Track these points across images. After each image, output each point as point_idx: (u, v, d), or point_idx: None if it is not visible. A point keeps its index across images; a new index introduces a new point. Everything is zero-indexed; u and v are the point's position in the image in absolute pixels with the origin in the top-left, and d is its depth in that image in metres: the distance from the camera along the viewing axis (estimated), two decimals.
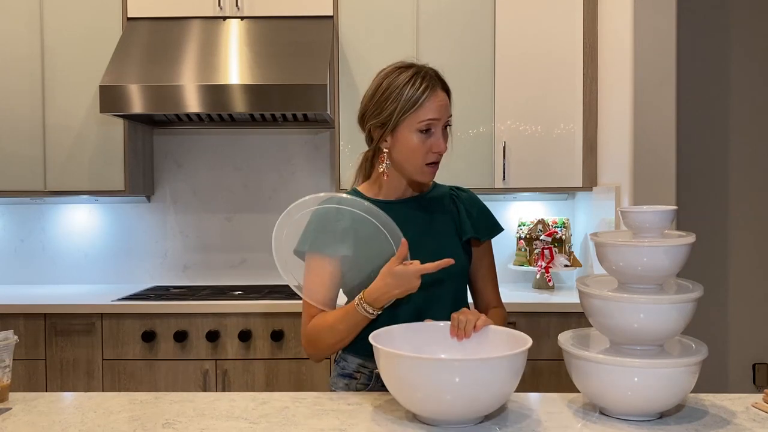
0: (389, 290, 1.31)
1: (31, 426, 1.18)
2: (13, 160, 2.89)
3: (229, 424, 1.18)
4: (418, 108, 1.38)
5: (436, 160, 1.43)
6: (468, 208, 1.54)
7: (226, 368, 2.61)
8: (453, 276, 1.47)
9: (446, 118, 1.43)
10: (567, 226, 3.02)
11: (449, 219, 1.52)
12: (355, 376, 1.47)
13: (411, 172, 1.44)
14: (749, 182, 3.17)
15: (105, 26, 2.88)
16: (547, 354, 2.56)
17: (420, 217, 1.49)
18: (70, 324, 2.62)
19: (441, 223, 1.51)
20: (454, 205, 1.54)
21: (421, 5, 2.87)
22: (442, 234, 1.50)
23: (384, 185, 1.50)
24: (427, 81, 1.41)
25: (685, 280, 1.28)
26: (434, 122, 1.40)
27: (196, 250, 3.22)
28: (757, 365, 3.18)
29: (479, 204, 1.57)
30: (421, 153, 1.41)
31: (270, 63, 2.72)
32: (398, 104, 1.39)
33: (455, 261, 1.44)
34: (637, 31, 2.46)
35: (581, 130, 2.87)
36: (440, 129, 1.42)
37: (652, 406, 1.17)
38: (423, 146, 1.40)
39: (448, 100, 1.45)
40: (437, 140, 1.41)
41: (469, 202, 1.56)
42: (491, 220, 1.57)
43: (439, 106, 1.40)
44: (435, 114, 1.39)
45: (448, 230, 1.51)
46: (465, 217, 1.52)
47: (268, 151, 3.21)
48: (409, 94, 1.39)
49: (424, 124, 1.39)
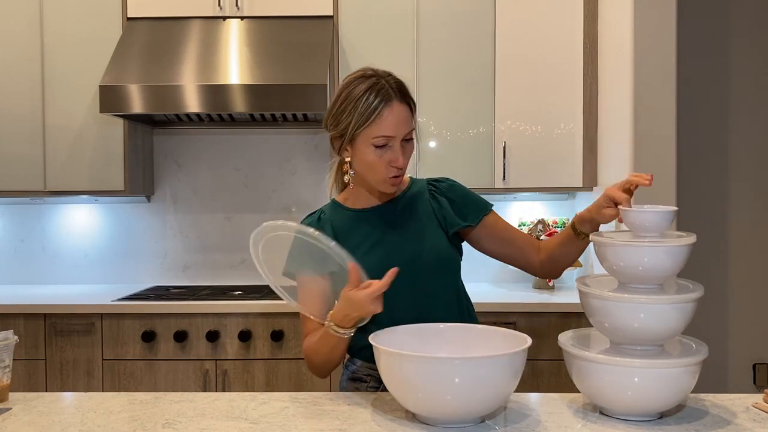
0: (350, 313, 1.28)
1: (31, 426, 1.18)
2: (13, 160, 2.89)
3: (229, 424, 1.18)
4: (371, 123, 1.34)
5: (397, 174, 1.38)
6: (450, 198, 1.50)
7: (226, 368, 2.61)
8: (446, 272, 1.47)
9: (404, 132, 1.37)
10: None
11: (431, 216, 1.49)
12: (364, 380, 1.47)
13: (373, 183, 1.42)
14: (749, 182, 3.17)
15: (105, 26, 2.88)
16: (547, 354, 2.56)
17: (398, 222, 1.47)
18: (70, 324, 2.62)
19: (421, 222, 1.48)
20: (435, 200, 1.51)
21: (421, 5, 2.87)
22: (423, 234, 1.47)
23: (355, 194, 1.49)
24: (381, 95, 1.35)
25: (685, 280, 1.28)
26: (389, 138, 1.35)
27: (196, 250, 3.22)
28: (757, 365, 3.18)
29: (460, 190, 1.53)
30: (380, 167, 1.37)
31: (270, 63, 2.72)
32: (353, 118, 1.35)
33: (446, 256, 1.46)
34: (637, 31, 2.46)
35: (581, 130, 2.87)
36: (398, 143, 1.37)
37: (652, 406, 1.17)
38: (380, 161, 1.36)
39: (409, 112, 1.39)
40: (395, 155, 1.36)
41: (450, 191, 1.52)
42: (477, 201, 1.52)
43: (395, 122, 1.35)
44: (389, 131, 1.35)
45: (431, 228, 1.48)
46: (448, 209, 1.49)
47: (268, 151, 3.21)
48: (362, 108, 1.34)
49: (379, 140, 1.35)
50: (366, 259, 1.38)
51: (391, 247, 1.44)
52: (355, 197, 1.50)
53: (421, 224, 1.48)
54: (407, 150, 1.40)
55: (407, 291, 1.41)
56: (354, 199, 1.50)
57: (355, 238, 1.45)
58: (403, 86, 1.41)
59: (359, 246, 1.43)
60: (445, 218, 1.49)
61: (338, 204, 1.52)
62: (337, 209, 1.51)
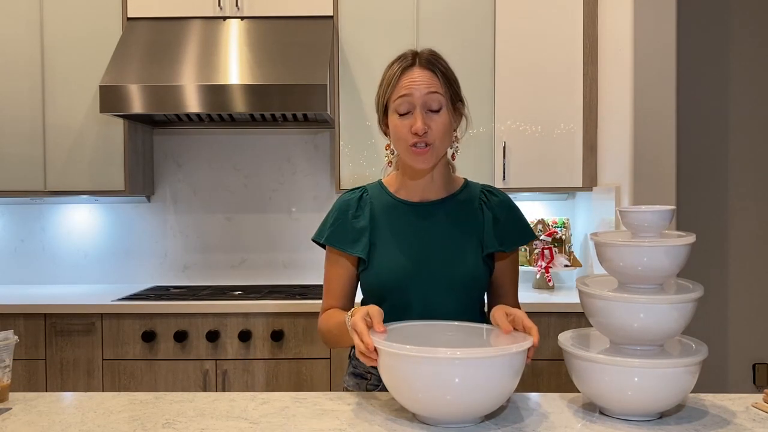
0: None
1: (31, 426, 1.18)
2: (13, 160, 2.89)
3: (229, 424, 1.18)
4: (393, 86, 1.36)
5: (418, 141, 1.34)
6: (497, 215, 1.45)
7: (226, 368, 2.61)
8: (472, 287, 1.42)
9: (422, 92, 1.34)
10: (567, 226, 3.02)
11: (473, 228, 1.43)
12: (365, 377, 1.47)
13: (403, 157, 1.40)
14: (749, 182, 3.17)
15: (105, 26, 2.88)
16: (547, 354, 2.56)
17: (439, 225, 1.43)
18: (70, 324, 2.62)
19: (463, 232, 1.43)
20: (482, 212, 1.45)
21: (421, 5, 2.87)
22: (461, 245, 1.42)
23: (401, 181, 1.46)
24: (401, 60, 1.37)
25: (685, 280, 1.28)
26: (407, 99, 1.34)
27: (196, 250, 3.22)
28: (757, 365, 3.18)
29: (510, 210, 1.47)
30: (402, 134, 1.35)
31: (270, 63, 2.72)
32: (382, 87, 1.39)
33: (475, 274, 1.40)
34: (637, 31, 2.46)
35: (581, 130, 2.87)
36: (419, 108, 1.34)
37: (652, 406, 1.17)
38: (403, 126, 1.35)
39: (434, 78, 1.36)
40: (414, 120, 1.33)
41: (500, 209, 1.46)
42: (521, 228, 1.47)
43: (411, 82, 1.34)
44: (405, 90, 1.34)
45: (470, 240, 1.42)
46: (490, 228, 1.43)
47: (268, 151, 3.21)
48: (387, 75, 1.38)
49: (399, 103, 1.35)
50: (394, 254, 1.38)
51: (422, 250, 1.40)
52: (400, 184, 1.47)
53: (461, 234, 1.43)
54: (434, 121, 1.35)
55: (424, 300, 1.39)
56: (399, 186, 1.47)
57: (391, 227, 1.42)
58: (433, 57, 1.38)
59: (392, 237, 1.41)
60: (485, 236, 1.43)
61: (383, 186, 1.49)
62: (381, 192, 1.48)
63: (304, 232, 3.17)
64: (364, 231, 1.42)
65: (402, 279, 1.39)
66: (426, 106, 1.35)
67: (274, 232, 3.18)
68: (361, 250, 1.41)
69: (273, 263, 3.18)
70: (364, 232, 1.42)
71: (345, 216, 1.44)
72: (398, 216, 1.44)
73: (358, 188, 1.51)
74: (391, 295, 1.40)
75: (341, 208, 1.46)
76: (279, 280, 3.16)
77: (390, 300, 1.40)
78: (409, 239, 1.41)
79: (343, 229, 1.43)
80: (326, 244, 1.45)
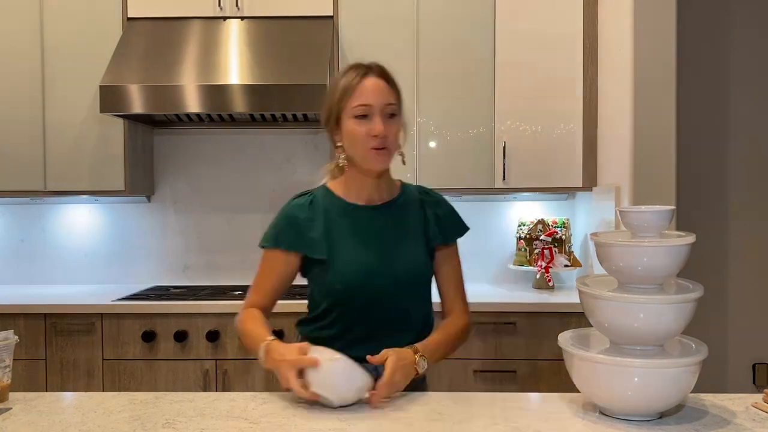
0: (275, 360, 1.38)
1: (31, 426, 1.18)
2: (13, 160, 2.89)
3: (229, 424, 1.18)
4: (350, 95, 1.43)
5: (378, 144, 1.42)
6: (436, 212, 1.56)
7: (226, 368, 2.61)
8: (420, 285, 1.51)
9: (382, 102, 1.43)
10: (567, 226, 3.02)
11: (418, 225, 1.53)
12: None
13: (359, 160, 1.46)
14: (749, 182, 3.16)
15: (105, 26, 2.88)
16: (547, 354, 2.56)
17: (390, 226, 1.51)
18: (70, 324, 2.62)
19: (410, 231, 1.53)
20: (422, 211, 1.55)
21: (421, 5, 2.87)
22: (411, 243, 1.52)
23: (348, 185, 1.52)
24: (358, 70, 1.45)
25: (685, 280, 1.28)
26: (367, 107, 1.42)
27: (196, 250, 3.22)
28: (757, 365, 3.18)
29: (446, 206, 1.59)
30: (361, 138, 1.42)
31: (270, 63, 2.72)
32: (335, 96, 1.45)
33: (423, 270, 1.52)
34: (637, 31, 2.46)
35: (581, 130, 2.87)
36: (378, 114, 1.42)
37: (652, 406, 1.17)
38: (361, 130, 1.42)
39: (388, 88, 1.45)
40: (375, 124, 1.41)
41: (437, 206, 1.57)
42: (458, 221, 1.59)
43: (371, 91, 1.42)
44: (366, 99, 1.42)
45: (417, 238, 1.52)
46: (433, 223, 1.54)
47: (268, 151, 3.21)
48: (342, 84, 1.45)
49: (358, 110, 1.42)
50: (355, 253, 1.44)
51: (380, 249, 1.48)
52: (347, 188, 1.52)
53: (409, 233, 1.52)
54: (391, 126, 1.44)
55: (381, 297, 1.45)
56: (346, 190, 1.53)
57: (347, 228, 1.49)
58: (385, 69, 1.48)
59: (350, 238, 1.47)
60: (428, 231, 1.53)
61: (330, 191, 1.54)
62: (331, 196, 1.53)
63: None
64: (322, 233, 1.47)
65: (366, 277, 1.45)
66: (383, 112, 1.43)
67: None
68: (324, 252, 1.46)
69: None
70: (321, 234, 1.47)
71: (296, 221, 1.49)
72: (352, 218, 1.51)
73: (305, 193, 1.55)
74: (354, 293, 1.45)
75: (292, 213, 1.51)
76: None
77: (352, 297, 1.45)
78: (365, 239, 1.48)
79: (298, 232, 1.49)
80: (284, 249, 1.49)
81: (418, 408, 1.26)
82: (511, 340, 2.59)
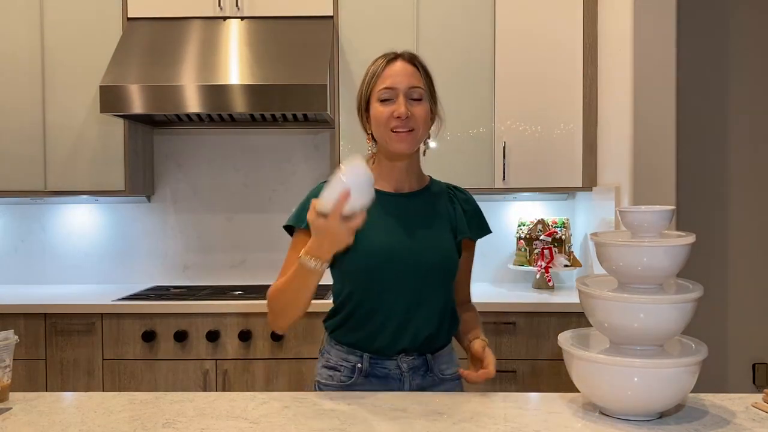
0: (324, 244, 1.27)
1: (31, 426, 1.18)
2: (13, 160, 2.89)
3: (229, 424, 1.18)
4: (376, 79, 1.46)
5: (401, 125, 1.43)
6: (465, 208, 1.56)
7: (226, 368, 2.61)
8: (446, 272, 1.50)
9: (406, 85, 1.44)
10: (567, 226, 3.02)
11: (446, 216, 1.54)
12: (338, 369, 1.49)
13: (383, 142, 1.47)
14: (749, 182, 3.17)
15: (105, 26, 2.88)
16: (547, 354, 2.56)
17: (421, 212, 1.51)
18: (70, 324, 2.62)
19: (439, 219, 1.52)
20: (451, 204, 1.56)
21: (421, 5, 2.87)
22: (440, 230, 1.51)
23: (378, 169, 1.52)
24: (387, 56, 1.48)
25: (685, 280, 1.28)
26: (391, 90, 1.43)
27: (196, 250, 3.22)
28: (757, 365, 3.18)
29: (474, 204, 1.60)
30: (384, 119, 1.43)
31: (270, 63, 2.72)
32: (365, 82, 1.49)
33: (450, 259, 1.50)
34: (637, 31, 2.46)
35: (581, 130, 2.87)
36: (401, 97, 1.43)
37: (652, 406, 1.17)
38: (385, 112, 1.43)
39: (416, 72, 1.47)
40: (397, 104, 1.43)
41: (466, 202, 1.58)
42: (483, 221, 1.61)
43: (396, 74, 1.44)
44: (390, 82, 1.44)
45: (445, 227, 1.52)
46: (462, 217, 1.54)
47: (268, 151, 3.21)
48: (371, 69, 1.48)
49: (383, 93, 1.44)
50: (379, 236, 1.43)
51: (398, 234, 1.46)
52: (377, 175, 1.49)
53: (438, 221, 1.52)
54: (415, 109, 1.44)
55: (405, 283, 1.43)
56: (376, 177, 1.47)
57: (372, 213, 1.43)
58: (416, 56, 1.51)
59: (376, 221, 1.43)
60: (458, 223, 1.53)
61: None
62: None
63: None
64: None
65: (386, 259, 1.43)
66: (408, 96, 1.45)
67: (274, 232, 3.18)
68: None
69: (273, 263, 3.17)
70: None
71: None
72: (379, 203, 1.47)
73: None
74: (373, 276, 1.43)
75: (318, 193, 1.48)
76: None
77: (372, 280, 1.44)
78: (391, 224, 1.47)
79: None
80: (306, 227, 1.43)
81: (418, 408, 1.26)
82: (511, 340, 2.59)
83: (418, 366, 1.47)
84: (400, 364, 1.45)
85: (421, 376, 1.47)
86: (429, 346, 1.48)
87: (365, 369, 1.46)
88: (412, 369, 1.46)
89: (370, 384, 1.46)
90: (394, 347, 1.45)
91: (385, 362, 1.46)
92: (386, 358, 1.46)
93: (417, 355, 1.47)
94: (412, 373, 1.46)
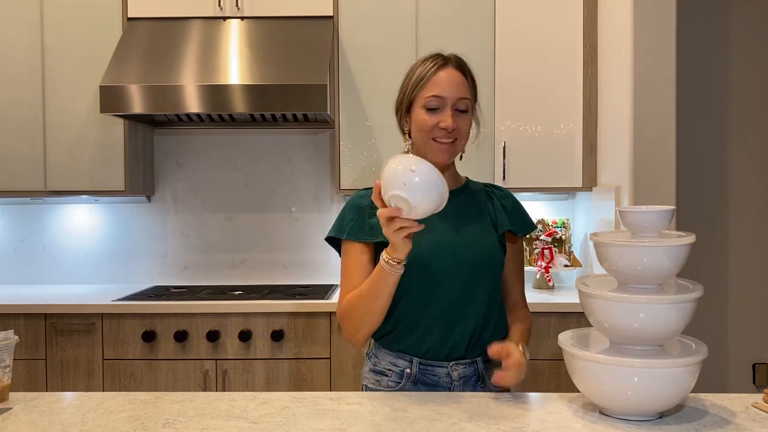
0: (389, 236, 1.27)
1: (31, 426, 1.18)
2: (13, 160, 2.89)
3: (229, 424, 1.18)
4: (424, 84, 1.43)
5: (444, 137, 1.42)
6: (503, 203, 1.55)
7: (226, 368, 2.61)
8: (491, 268, 1.48)
9: (455, 94, 1.42)
10: (567, 226, 3.02)
11: (485, 213, 1.53)
12: (386, 373, 1.47)
13: (424, 150, 1.45)
14: (749, 182, 3.17)
15: (105, 26, 2.88)
16: (547, 354, 2.56)
17: (458, 210, 1.49)
18: (71, 324, 2.62)
19: (478, 216, 1.51)
20: (490, 201, 1.55)
21: (421, 5, 2.87)
22: (479, 227, 1.50)
23: None
24: (435, 60, 1.45)
25: (685, 280, 1.28)
26: (438, 99, 1.41)
27: (196, 250, 3.22)
28: (757, 365, 3.18)
29: (513, 200, 1.58)
30: (428, 128, 1.42)
31: (270, 63, 2.72)
32: (410, 83, 1.46)
33: (493, 254, 1.49)
34: (637, 31, 2.46)
35: (581, 130, 2.87)
36: (449, 107, 1.42)
37: (652, 406, 1.17)
38: (430, 121, 1.42)
39: (464, 81, 1.45)
40: (445, 116, 1.41)
41: (504, 198, 1.57)
42: (526, 216, 1.58)
43: (446, 83, 1.42)
44: (438, 90, 1.42)
45: (485, 224, 1.51)
46: (501, 212, 1.53)
47: (268, 151, 3.21)
48: (418, 72, 1.45)
49: (429, 100, 1.42)
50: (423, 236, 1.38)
51: (437, 232, 1.44)
52: None
53: (477, 218, 1.51)
54: (461, 121, 1.43)
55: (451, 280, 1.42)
56: None
57: None
58: (464, 62, 1.49)
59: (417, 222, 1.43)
60: (497, 218, 1.52)
61: None
62: None
63: (304, 232, 3.18)
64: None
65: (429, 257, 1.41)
66: (455, 107, 1.43)
67: (274, 232, 3.18)
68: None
69: (273, 263, 3.18)
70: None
71: (362, 211, 1.47)
72: None
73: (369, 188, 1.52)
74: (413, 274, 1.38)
75: (355, 202, 1.50)
76: (279, 280, 3.16)
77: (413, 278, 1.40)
78: (434, 222, 1.42)
79: (360, 220, 1.46)
80: (350, 239, 1.46)
81: (418, 408, 1.26)
82: None
83: (469, 375, 1.45)
84: (451, 372, 1.43)
85: (471, 387, 1.45)
86: (477, 346, 1.45)
87: (414, 374, 1.44)
88: (463, 378, 1.44)
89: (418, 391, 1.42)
90: (443, 348, 1.42)
91: (436, 369, 1.43)
92: (437, 364, 1.43)
93: (468, 364, 1.44)
94: (462, 382, 1.44)
